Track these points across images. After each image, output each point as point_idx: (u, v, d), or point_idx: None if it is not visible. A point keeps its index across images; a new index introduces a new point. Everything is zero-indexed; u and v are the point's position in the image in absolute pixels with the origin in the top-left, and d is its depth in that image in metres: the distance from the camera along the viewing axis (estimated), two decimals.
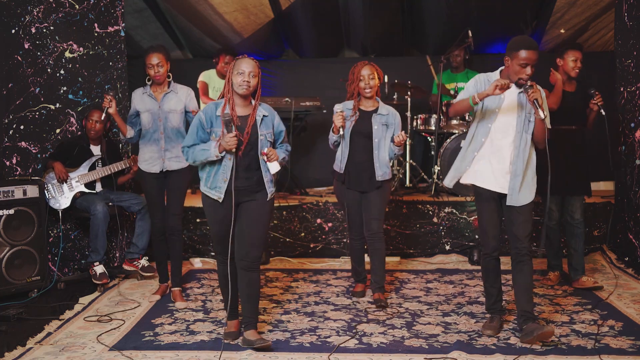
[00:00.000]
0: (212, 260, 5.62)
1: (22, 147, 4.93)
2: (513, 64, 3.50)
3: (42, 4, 4.99)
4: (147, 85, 4.43)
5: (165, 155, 4.38)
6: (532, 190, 3.65)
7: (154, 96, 4.38)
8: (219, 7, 6.60)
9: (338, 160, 4.38)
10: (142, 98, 4.40)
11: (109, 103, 4.35)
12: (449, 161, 5.91)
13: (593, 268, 5.23)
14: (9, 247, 4.54)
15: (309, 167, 7.20)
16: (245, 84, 3.45)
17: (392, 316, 4.11)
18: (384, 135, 4.31)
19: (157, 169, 4.39)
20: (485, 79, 3.65)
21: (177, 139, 4.39)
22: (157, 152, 4.39)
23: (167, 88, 4.40)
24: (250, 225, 3.54)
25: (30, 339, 3.74)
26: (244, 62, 3.49)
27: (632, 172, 5.15)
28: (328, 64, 7.48)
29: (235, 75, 3.48)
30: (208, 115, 3.53)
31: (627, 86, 5.22)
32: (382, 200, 4.37)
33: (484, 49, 7.18)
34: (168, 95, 4.39)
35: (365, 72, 4.24)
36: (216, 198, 3.53)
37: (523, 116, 3.57)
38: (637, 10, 5.09)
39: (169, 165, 4.39)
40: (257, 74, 3.49)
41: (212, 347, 3.58)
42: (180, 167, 4.41)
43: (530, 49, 3.46)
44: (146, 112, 4.37)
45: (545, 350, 3.48)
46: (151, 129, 4.38)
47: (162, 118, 4.36)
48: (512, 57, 3.50)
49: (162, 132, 4.37)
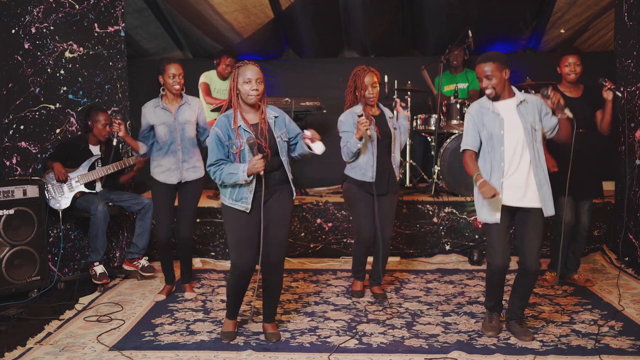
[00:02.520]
0: (212, 260, 5.63)
1: (22, 147, 4.93)
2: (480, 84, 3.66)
3: (42, 4, 4.99)
4: (158, 98, 4.43)
5: (183, 166, 4.41)
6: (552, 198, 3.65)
7: (167, 108, 4.39)
8: (219, 7, 6.60)
9: (361, 168, 4.27)
10: (154, 112, 4.40)
11: (118, 127, 4.40)
12: (448, 161, 5.91)
13: (593, 268, 5.23)
14: (9, 247, 4.54)
15: (308, 167, 7.20)
16: (254, 92, 3.44)
17: (392, 316, 4.11)
18: (397, 137, 4.41)
19: (175, 180, 4.42)
20: (478, 107, 3.68)
21: (193, 149, 4.46)
22: (174, 164, 4.40)
23: (180, 100, 4.43)
24: (275, 226, 3.57)
25: (30, 339, 3.74)
26: (248, 69, 3.46)
27: (632, 172, 5.15)
28: (328, 64, 7.48)
29: (242, 84, 3.45)
30: (224, 130, 3.48)
31: (627, 86, 5.22)
32: (395, 204, 4.46)
33: (484, 49, 7.17)
34: (182, 107, 4.42)
35: (368, 81, 4.23)
36: (243, 209, 3.50)
37: (529, 127, 3.57)
38: (637, 10, 5.09)
39: (187, 176, 4.43)
40: (262, 79, 3.49)
41: (212, 347, 3.59)
42: (197, 177, 4.46)
43: (478, 63, 3.60)
44: (161, 125, 4.38)
45: (545, 350, 3.49)
46: (168, 141, 4.40)
47: (179, 130, 4.39)
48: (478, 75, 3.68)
49: (180, 144, 4.40)
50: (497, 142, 3.59)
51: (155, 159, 4.47)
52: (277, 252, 3.60)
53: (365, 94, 4.24)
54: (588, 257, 5.49)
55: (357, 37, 7.35)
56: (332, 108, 6.15)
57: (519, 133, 3.56)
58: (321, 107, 6.24)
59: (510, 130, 3.57)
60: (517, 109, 3.60)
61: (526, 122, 3.58)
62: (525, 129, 3.57)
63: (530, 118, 3.59)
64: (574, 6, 6.55)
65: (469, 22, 6.38)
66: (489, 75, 3.56)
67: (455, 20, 6.71)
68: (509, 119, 3.59)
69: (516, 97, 3.62)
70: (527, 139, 3.56)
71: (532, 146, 3.57)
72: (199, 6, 6.61)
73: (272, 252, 3.58)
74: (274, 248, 3.59)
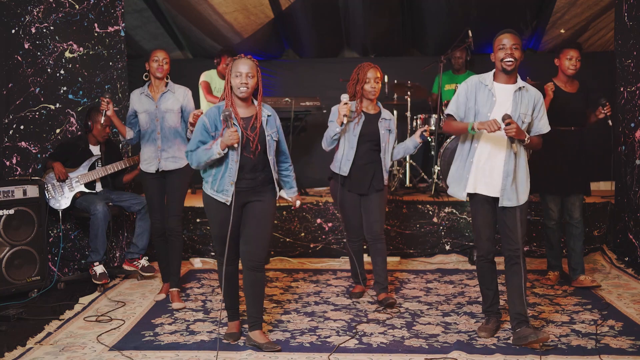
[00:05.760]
0: (212, 260, 5.62)
1: (22, 147, 4.93)
2: (494, 55, 3.58)
3: (42, 4, 4.99)
4: (145, 86, 4.42)
5: (161, 155, 4.37)
6: (525, 190, 3.61)
7: (151, 96, 4.38)
8: (219, 7, 6.60)
9: (338, 161, 4.32)
10: (139, 98, 4.40)
11: (106, 106, 4.36)
12: (448, 161, 5.89)
13: (593, 268, 5.23)
14: (9, 247, 4.54)
15: (308, 167, 7.21)
16: (243, 86, 3.40)
17: (392, 316, 4.11)
18: (388, 140, 4.35)
19: (154, 169, 4.39)
20: (477, 81, 3.63)
21: (174, 139, 4.38)
22: (154, 152, 4.38)
23: (164, 88, 4.40)
24: (256, 225, 3.53)
25: (30, 339, 3.74)
26: (241, 63, 3.42)
27: (632, 172, 5.15)
28: (328, 64, 7.48)
29: (233, 77, 3.43)
30: (212, 119, 3.47)
31: (627, 86, 5.22)
32: (383, 202, 4.38)
33: (484, 49, 7.17)
34: (165, 95, 4.38)
35: (371, 75, 4.22)
36: (223, 201, 3.48)
37: (517, 116, 3.52)
38: (637, 10, 5.09)
39: (164, 165, 4.38)
40: (255, 74, 3.43)
41: (212, 347, 3.58)
42: (177, 167, 4.40)
43: (503, 33, 3.53)
44: (144, 113, 4.37)
45: (545, 350, 3.48)
46: (149, 129, 4.38)
47: (159, 118, 4.35)
48: (493, 48, 3.58)
49: (159, 132, 4.37)
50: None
51: (141, 147, 4.47)
52: (256, 251, 3.53)
53: (365, 87, 4.24)
54: (588, 257, 5.49)
55: (357, 37, 7.35)
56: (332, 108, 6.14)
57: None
58: (321, 107, 6.24)
59: (498, 115, 3.49)
60: (514, 94, 3.53)
61: (517, 110, 3.52)
62: (513, 117, 3.49)
63: (523, 108, 3.53)
64: (574, 6, 6.56)
65: (469, 22, 6.39)
66: (516, 46, 3.48)
67: (455, 20, 6.71)
68: (500, 103, 3.53)
69: (517, 84, 3.56)
70: None
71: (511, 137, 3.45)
72: (199, 6, 6.61)
73: (252, 252, 3.52)
74: (254, 248, 3.53)
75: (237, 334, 3.71)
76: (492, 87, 3.57)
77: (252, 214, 3.53)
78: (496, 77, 3.60)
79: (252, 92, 3.49)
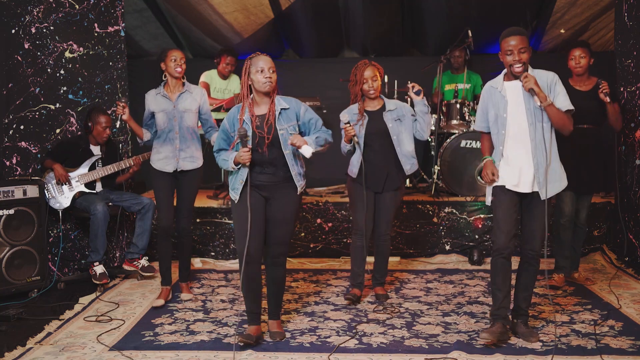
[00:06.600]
0: (212, 260, 5.63)
1: (22, 147, 4.93)
2: (502, 57, 3.52)
3: (42, 4, 4.99)
4: (160, 86, 4.42)
5: (179, 155, 4.39)
6: (563, 178, 3.58)
7: (168, 96, 4.38)
8: (219, 7, 6.60)
9: (351, 164, 4.35)
10: (155, 99, 4.40)
11: (122, 110, 4.37)
12: (448, 161, 5.91)
13: (593, 268, 5.23)
14: (9, 247, 4.54)
15: (308, 167, 7.10)
16: (268, 80, 3.48)
17: (392, 316, 4.11)
18: (400, 129, 4.28)
19: (171, 169, 4.40)
20: (489, 87, 3.65)
21: (192, 139, 4.42)
22: (171, 152, 4.38)
23: (182, 88, 4.41)
24: (278, 222, 3.62)
25: (30, 339, 3.74)
26: (261, 59, 3.50)
27: (632, 172, 5.15)
28: (328, 64, 7.48)
29: (254, 73, 3.49)
30: (230, 119, 3.60)
31: (627, 86, 5.22)
32: (397, 203, 4.41)
33: (484, 49, 7.18)
34: (183, 95, 4.39)
35: (368, 74, 4.21)
36: (234, 199, 3.59)
37: (532, 107, 3.48)
38: (637, 10, 5.09)
39: (183, 165, 4.40)
40: (275, 69, 3.53)
41: (212, 347, 3.59)
42: (194, 167, 4.43)
43: (510, 35, 3.47)
44: (161, 112, 4.36)
45: (545, 350, 3.48)
46: (166, 129, 4.38)
47: (178, 117, 4.36)
48: (500, 51, 3.54)
49: (177, 132, 4.37)
50: (500, 124, 3.56)
51: (154, 147, 4.46)
52: (276, 248, 3.67)
53: (363, 87, 4.23)
54: (588, 257, 5.49)
55: (357, 37, 7.35)
56: (332, 108, 6.14)
57: (522, 116, 3.49)
58: (321, 107, 6.24)
59: (512, 113, 3.51)
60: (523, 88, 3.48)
61: (531, 101, 3.48)
62: (528, 109, 3.47)
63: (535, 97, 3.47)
64: (574, 6, 6.55)
65: (469, 22, 6.38)
66: (524, 49, 3.43)
67: (455, 20, 6.71)
68: (513, 101, 3.53)
69: None
70: (529, 119, 3.47)
71: (534, 126, 3.46)
72: (199, 6, 6.61)
73: (273, 249, 3.67)
74: (274, 245, 3.67)
75: (253, 337, 3.61)
76: (502, 89, 3.58)
77: (274, 210, 3.62)
78: (507, 76, 3.60)
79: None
